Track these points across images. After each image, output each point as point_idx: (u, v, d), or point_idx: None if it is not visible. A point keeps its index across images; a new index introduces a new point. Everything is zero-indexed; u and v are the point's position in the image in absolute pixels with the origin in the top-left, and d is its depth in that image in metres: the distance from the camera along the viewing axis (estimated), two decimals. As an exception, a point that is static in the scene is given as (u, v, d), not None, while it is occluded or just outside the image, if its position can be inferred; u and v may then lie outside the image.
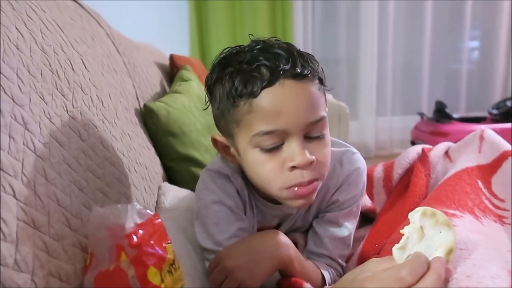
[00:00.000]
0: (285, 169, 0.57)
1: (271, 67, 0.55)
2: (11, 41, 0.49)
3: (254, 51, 0.57)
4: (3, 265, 0.34)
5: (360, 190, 0.72)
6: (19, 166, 0.41)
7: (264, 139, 0.56)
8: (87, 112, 0.63)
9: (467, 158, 0.77)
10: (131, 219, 0.41)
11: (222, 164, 0.69)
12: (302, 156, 0.56)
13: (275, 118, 0.55)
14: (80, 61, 0.69)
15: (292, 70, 0.55)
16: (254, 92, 0.55)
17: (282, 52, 0.56)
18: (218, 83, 0.59)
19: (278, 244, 0.63)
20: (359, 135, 3.08)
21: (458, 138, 0.86)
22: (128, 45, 1.19)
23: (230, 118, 0.59)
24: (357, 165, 0.71)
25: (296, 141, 0.56)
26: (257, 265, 0.60)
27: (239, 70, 0.56)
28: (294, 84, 0.55)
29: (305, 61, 0.57)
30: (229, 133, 0.61)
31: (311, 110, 0.56)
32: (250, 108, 0.55)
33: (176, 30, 2.81)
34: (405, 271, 0.42)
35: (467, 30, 3.12)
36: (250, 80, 0.55)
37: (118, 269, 0.40)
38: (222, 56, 0.61)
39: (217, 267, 0.60)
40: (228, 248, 0.62)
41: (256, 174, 0.60)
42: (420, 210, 0.46)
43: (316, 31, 3.09)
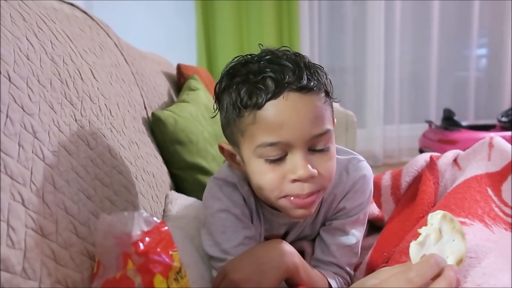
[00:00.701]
0: (286, 180, 0.58)
1: (276, 79, 0.55)
2: (21, 52, 0.50)
3: (261, 62, 0.58)
4: (12, 272, 0.34)
5: (367, 198, 0.72)
6: (28, 174, 0.41)
7: (267, 150, 0.57)
8: (95, 121, 0.63)
9: (476, 166, 0.76)
10: (137, 226, 0.41)
11: (229, 172, 0.69)
12: (304, 169, 0.56)
13: (278, 130, 0.55)
14: (89, 71, 0.70)
15: (297, 83, 0.55)
16: (258, 104, 0.55)
17: (289, 64, 0.56)
18: (226, 92, 0.60)
19: (283, 253, 0.62)
20: (367, 143, 3.06)
21: (466, 146, 0.85)
22: (136, 55, 1.21)
23: (236, 127, 0.59)
24: (364, 173, 0.71)
25: (299, 154, 0.56)
26: (264, 276, 0.59)
27: (245, 80, 0.57)
28: (299, 97, 0.55)
29: (312, 73, 0.57)
30: (235, 141, 0.62)
31: (315, 123, 0.56)
32: (254, 119, 0.56)
33: (183, 40, 2.84)
34: (414, 273, 0.42)
35: (474, 37, 3.11)
36: (255, 92, 0.56)
37: (125, 277, 0.40)
38: (231, 65, 0.61)
39: (223, 282, 0.60)
40: (233, 261, 0.62)
41: (257, 183, 0.61)
42: (440, 213, 0.46)
43: (322, 40, 3.10)
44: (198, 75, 1.60)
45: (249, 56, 0.61)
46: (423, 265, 0.42)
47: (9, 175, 0.39)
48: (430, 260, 0.43)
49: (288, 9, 2.82)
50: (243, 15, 2.80)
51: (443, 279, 0.42)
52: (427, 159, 0.88)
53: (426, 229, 0.46)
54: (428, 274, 0.42)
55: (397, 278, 0.43)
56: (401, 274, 0.43)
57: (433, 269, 0.42)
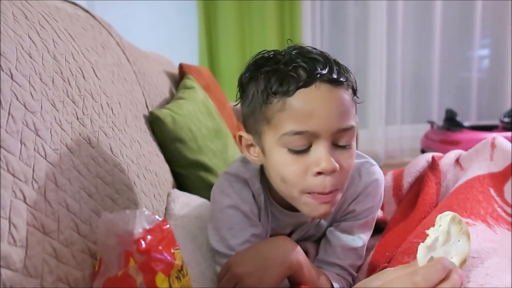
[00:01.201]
0: (310, 174, 0.57)
1: (308, 69, 0.55)
2: (24, 50, 0.50)
3: (291, 54, 0.58)
4: (13, 269, 0.34)
5: (377, 202, 0.72)
6: (30, 172, 0.41)
7: (293, 139, 0.57)
8: (97, 119, 0.63)
9: (479, 166, 0.76)
10: (139, 224, 0.41)
11: (241, 168, 0.69)
12: (328, 162, 0.56)
13: (307, 119, 0.55)
14: (91, 70, 0.70)
15: (329, 75, 0.56)
16: (289, 91, 0.55)
17: (320, 58, 0.57)
18: (252, 81, 0.60)
19: (287, 249, 0.62)
20: (369, 144, 3.06)
21: (468, 147, 0.85)
22: (138, 55, 1.21)
23: (261, 115, 0.59)
24: (376, 177, 0.71)
25: (324, 146, 0.56)
26: (267, 272, 0.59)
27: (276, 70, 0.57)
28: (329, 89, 0.56)
29: (342, 69, 0.58)
30: (257, 130, 0.61)
31: (342, 117, 0.57)
32: (283, 107, 0.56)
33: (185, 40, 2.84)
34: (419, 276, 0.42)
35: (476, 38, 3.10)
36: (286, 79, 0.56)
37: (127, 275, 0.40)
38: (258, 56, 0.62)
39: (226, 275, 0.60)
40: (237, 255, 0.62)
41: (279, 174, 0.60)
42: (450, 214, 0.45)
43: (324, 41, 3.09)
44: (200, 75, 1.60)
45: (274, 51, 0.61)
46: (430, 269, 0.42)
47: (11, 173, 0.38)
48: (437, 265, 0.42)
49: (290, 9, 2.81)
50: (245, 15, 2.80)
51: (448, 283, 0.41)
52: (429, 159, 0.88)
53: (434, 231, 0.45)
54: (434, 279, 0.41)
55: (402, 280, 0.43)
56: (407, 276, 0.43)
57: (440, 274, 0.42)
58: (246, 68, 0.62)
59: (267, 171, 0.64)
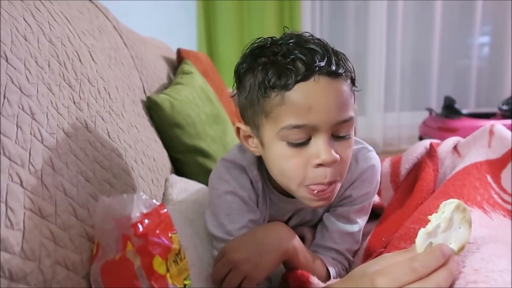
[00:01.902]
0: (310, 166, 0.57)
1: (307, 62, 0.54)
2: (19, 32, 0.49)
3: (289, 44, 0.57)
4: (10, 252, 0.34)
5: (373, 188, 0.72)
6: (26, 156, 0.41)
7: (292, 133, 0.56)
8: (94, 104, 0.63)
9: (476, 153, 0.76)
10: (137, 208, 0.41)
11: (239, 155, 0.69)
12: (328, 154, 0.56)
13: (306, 113, 0.55)
14: (88, 53, 0.69)
15: (328, 67, 0.55)
16: (287, 85, 0.55)
17: (318, 48, 0.56)
18: (250, 72, 0.59)
19: (282, 235, 0.63)
20: (367, 131, 3.06)
21: (466, 134, 0.85)
22: (135, 39, 1.20)
23: (259, 108, 0.58)
24: (372, 163, 0.71)
25: (323, 138, 0.56)
26: (262, 257, 0.60)
27: (274, 62, 0.56)
28: (328, 81, 0.55)
29: (340, 59, 0.57)
30: (255, 123, 0.61)
31: (341, 109, 0.56)
32: (282, 101, 0.55)
33: (183, 25, 2.81)
34: (418, 263, 0.42)
35: (477, 25, 3.08)
36: (284, 73, 0.55)
37: (124, 258, 0.40)
38: (255, 45, 0.60)
39: (221, 260, 0.60)
40: (233, 241, 0.62)
41: (278, 167, 0.60)
42: (454, 202, 0.45)
43: (324, 26, 3.06)
44: (198, 60, 1.59)
45: (271, 38, 0.60)
46: (429, 256, 0.42)
47: (7, 156, 0.38)
48: (436, 252, 0.42)
49: (290, -7, 2.78)
50: (244, 1, 2.76)
51: (446, 269, 0.42)
52: (427, 146, 0.88)
53: (437, 217, 0.45)
54: (432, 265, 0.42)
55: (400, 267, 0.43)
56: (405, 263, 0.43)
57: (438, 261, 0.42)
58: (243, 58, 0.61)
59: (266, 163, 0.64)
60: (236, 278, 0.59)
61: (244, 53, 0.61)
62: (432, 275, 0.41)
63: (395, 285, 0.43)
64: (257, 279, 0.60)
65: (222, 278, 0.60)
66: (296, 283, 0.62)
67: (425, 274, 0.42)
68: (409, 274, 0.42)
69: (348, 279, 0.51)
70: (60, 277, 0.39)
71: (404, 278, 0.42)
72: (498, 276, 0.42)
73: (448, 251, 0.43)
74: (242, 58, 0.61)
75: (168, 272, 0.40)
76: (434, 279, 0.41)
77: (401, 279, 0.43)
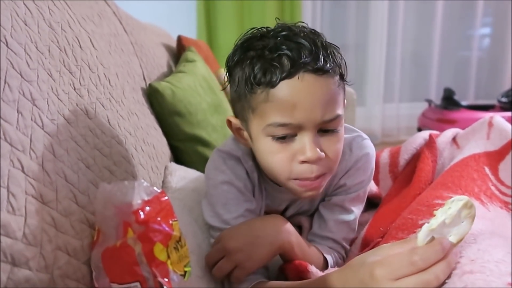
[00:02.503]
0: (295, 161, 0.58)
1: (292, 58, 0.54)
2: (19, 17, 0.48)
3: (278, 38, 0.56)
4: (12, 238, 0.34)
5: (368, 176, 0.72)
6: (27, 142, 0.41)
7: (278, 130, 0.56)
8: (94, 90, 0.63)
9: (475, 145, 0.76)
10: (138, 196, 0.41)
11: (233, 146, 0.69)
12: (312, 152, 0.56)
13: (291, 111, 0.55)
14: (88, 39, 0.68)
15: (313, 64, 0.54)
16: (272, 82, 0.54)
17: (306, 43, 0.55)
18: (239, 66, 0.59)
19: (279, 229, 0.63)
20: (366, 121, 3.05)
21: (465, 126, 0.85)
22: (135, 25, 1.19)
23: (246, 103, 0.58)
24: (367, 151, 0.71)
25: (308, 136, 0.56)
26: (256, 249, 0.60)
27: (260, 56, 0.55)
28: (314, 78, 0.54)
29: (328, 54, 0.56)
30: (244, 117, 0.61)
31: (327, 108, 0.56)
32: (267, 98, 0.55)
33: (182, 12, 2.78)
34: (417, 256, 0.42)
35: (479, 16, 3.06)
36: (269, 69, 0.54)
37: (125, 245, 0.40)
38: (246, 37, 0.60)
39: (216, 246, 0.61)
40: (230, 230, 0.63)
41: (265, 161, 0.61)
42: (463, 199, 0.44)
43: (325, 16, 3.04)
44: (198, 48, 1.58)
45: (264, 29, 0.59)
46: (429, 250, 0.43)
47: (8, 142, 0.38)
48: (436, 246, 0.43)
49: (291, -18, 2.75)
50: (244, -13, 2.73)
51: (445, 263, 0.42)
52: (426, 137, 0.88)
53: (442, 212, 0.45)
54: (432, 259, 0.42)
55: (400, 259, 0.44)
56: (405, 255, 0.43)
57: (438, 255, 0.42)
58: (234, 50, 0.60)
59: (255, 155, 0.64)
60: (227, 265, 0.59)
61: (236, 45, 0.60)
62: (431, 267, 0.42)
63: (393, 276, 0.43)
64: (248, 270, 0.60)
65: (214, 263, 0.60)
66: (294, 272, 0.62)
67: (424, 268, 0.42)
68: (408, 267, 0.43)
69: (347, 268, 0.51)
70: (61, 262, 0.39)
71: (402, 270, 0.43)
72: (494, 267, 0.43)
73: (448, 245, 0.43)
74: (233, 50, 0.61)
75: (168, 258, 0.41)
76: (432, 271, 0.42)
77: (399, 271, 0.43)
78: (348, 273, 0.50)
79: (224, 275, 0.60)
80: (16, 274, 0.34)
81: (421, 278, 0.42)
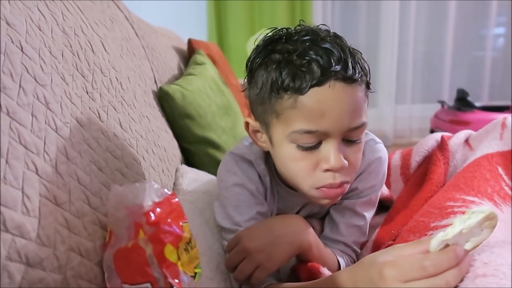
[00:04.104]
0: (319, 169, 0.58)
1: (323, 65, 0.52)
2: (33, 22, 0.50)
3: (305, 42, 0.54)
4: (27, 238, 0.35)
5: (380, 180, 0.72)
6: (41, 144, 0.42)
7: (303, 137, 0.56)
8: (106, 93, 0.64)
9: (488, 145, 0.75)
10: (149, 197, 0.41)
11: (246, 149, 0.69)
12: (337, 160, 0.56)
13: (318, 119, 0.54)
14: (100, 44, 0.69)
15: (344, 72, 0.53)
16: (301, 89, 0.53)
17: (334, 50, 0.53)
18: (262, 68, 0.57)
19: (298, 229, 0.63)
20: (377, 123, 3.04)
21: (479, 127, 0.84)
22: (146, 29, 1.20)
23: (270, 108, 0.57)
24: (379, 155, 0.70)
25: (334, 144, 0.56)
26: (277, 249, 0.60)
27: (288, 61, 0.54)
28: (343, 87, 0.54)
29: (356, 62, 0.55)
30: (265, 121, 0.60)
31: (354, 116, 0.55)
32: (295, 104, 0.54)
33: (193, 15, 2.80)
34: (429, 261, 0.42)
35: (493, 16, 3.01)
36: (299, 75, 0.53)
37: (136, 246, 0.41)
38: (268, 39, 0.58)
39: (235, 248, 0.61)
40: (248, 230, 0.62)
41: (287, 168, 0.61)
42: (485, 212, 0.42)
43: (335, 16, 3.03)
44: (209, 51, 1.59)
45: (286, 30, 0.58)
46: (441, 257, 0.42)
47: (23, 145, 0.39)
48: (449, 253, 0.42)
49: (301, -17, 2.76)
50: (254, -10, 2.74)
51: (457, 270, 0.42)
52: (438, 139, 0.87)
53: (461, 221, 0.43)
54: (444, 266, 0.42)
55: (411, 261, 0.43)
56: (417, 259, 0.43)
57: (450, 263, 0.42)
58: (256, 51, 0.59)
59: (274, 159, 0.64)
60: (248, 267, 0.59)
61: (258, 46, 0.59)
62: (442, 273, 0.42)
63: (402, 278, 0.43)
64: (270, 270, 0.60)
65: (235, 265, 0.60)
66: (307, 274, 0.62)
67: (434, 274, 0.42)
68: (418, 271, 0.42)
69: (357, 266, 0.51)
70: (74, 263, 0.40)
71: (412, 273, 0.43)
72: (507, 270, 0.42)
73: (461, 253, 0.42)
74: (255, 51, 0.59)
75: (179, 260, 0.41)
76: (443, 277, 0.41)
77: (409, 274, 0.43)
78: (359, 271, 0.50)
79: (246, 277, 0.60)
80: (30, 274, 0.34)
81: (431, 283, 0.42)
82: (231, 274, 0.62)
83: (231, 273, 0.62)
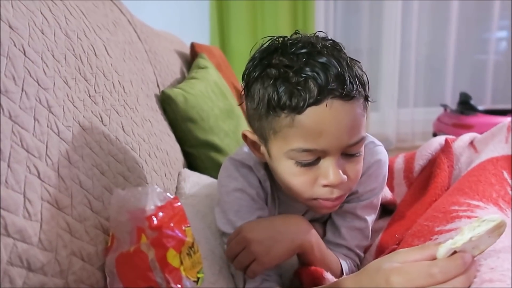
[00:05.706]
0: (317, 184, 0.58)
1: (320, 83, 0.51)
2: (36, 26, 0.50)
3: (302, 57, 0.53)
4: (28, 243, 0.35)
5: (380, 183, 0.71)
6: (43, 148, 0.42)
7: (302, 155, 0.56)
8: (109, 97, 0.64)
9: (493, 149, 0.74)
10: (151, 201, 0.41)
11: (246, 155, 0.69)
12: (336, 176, 0.56)
13: (316, 138, 0.54)
14: (103, 47, 0.69)
15: (341, 89, 0.52)
16: (299, 108, 0.52)
17: (331, 64, 0.52)
18: (259, 82, 0.56)
19: (300, 228, 0.63)
20: (380, 127, 3.03)
21: (482, 131, 0.83)
22: (149, 33, 1.20)
23: (267, 124, 0.57)
24: (378, 157, 0.70)
25: (332, 160, 0.56)
26: (276, 244, 0.60)
27: (285, 79, 0.53)
28: (341, 105, 0.53)
29: (354, 76, 0.54)
30: (263, 136, 0.60)
31: (352, 132, 0.55)
32: (292, 123, 0.53)
33: (196, 19, 2.81)
34: (437, 269, 0.41)
35: (495, 19, 3.01)
36: (295, 94, 0.52)
37: (139, 250, 0.40)
38: (264, 50, 0.58)
39: (236, 238, 0.61)
40: (251, 222, 0.63)
41: (285, 181, 0.61)
42: (495, 220, 0.42)
43: (338, 19, 3.03)
44: (212, 54, 1.59)
45: (282, 40, 0.57)
46: (449, 264, 0.42)
47: (25, 148, 0.39)
48: (457, 260, 0.42)
49: (303, -14, 2.76)
50: (257, -6, 2.75)
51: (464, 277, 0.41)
52: (442, 142, 0.87)
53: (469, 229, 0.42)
54: (452, 273, 0.41)
55: (418, 269, 0.43)
56: (424, 266, 0.43)
57: (458, 270, 0.41)
58: (252, 63, 0.58)
59: (272, 171, 0.64)
60: (246, 257, 0.59)
61: (253, 57, 0.58)
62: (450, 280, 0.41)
63: (409, 285, 0.43)
64: (266, 265, 0.60)
65: (235, 255, 0.60)
66: (310, 278, 0.62)
67: (442, 281, 0.41)
68: (425, 279, 0.42)
69: (362, 273, 0.51)
70: (75, 267, 0.40)
71: (419, 281, 0.42)
72: (514, 275, 0.41)
73: (469, 259, 0.42)
74: (250, 63, 0.58)
75: (181, 264, 0.41)
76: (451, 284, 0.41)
77: (416, 281, 0.42)
78: (364, 278, 0.49)
79: (244, 267, 0.60)
80: (31, 279, 0.34)
81: None
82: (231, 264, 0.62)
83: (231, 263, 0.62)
